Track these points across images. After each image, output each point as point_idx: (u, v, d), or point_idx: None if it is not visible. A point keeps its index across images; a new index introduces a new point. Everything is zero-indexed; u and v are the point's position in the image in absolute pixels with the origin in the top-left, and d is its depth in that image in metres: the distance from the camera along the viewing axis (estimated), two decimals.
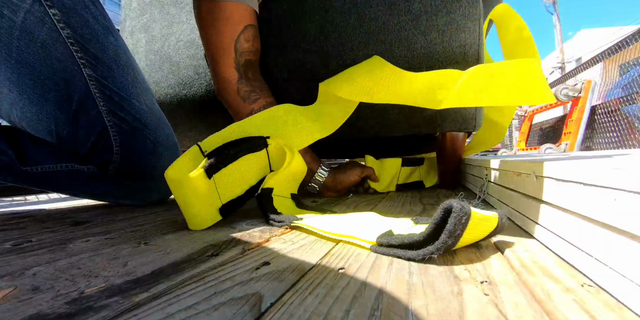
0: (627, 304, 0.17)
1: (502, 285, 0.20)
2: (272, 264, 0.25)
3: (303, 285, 0.21)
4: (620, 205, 0.17)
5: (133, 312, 0.18)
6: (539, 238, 0.29)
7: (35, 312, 0.18)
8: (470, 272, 0.22)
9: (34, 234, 0.40)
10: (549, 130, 3.78)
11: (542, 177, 0.28)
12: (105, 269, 0.25)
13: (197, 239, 0.34)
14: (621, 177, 0.17)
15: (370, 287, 0.20)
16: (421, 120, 0.67)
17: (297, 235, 0.35)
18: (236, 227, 0.39)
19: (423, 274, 0.22)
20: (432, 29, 0.60)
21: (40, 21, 0.50)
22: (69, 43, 0.52)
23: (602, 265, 0.19)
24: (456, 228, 0.23)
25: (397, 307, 0.18)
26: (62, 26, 0.51)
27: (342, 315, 0.17)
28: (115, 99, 0.55)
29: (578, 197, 0.21)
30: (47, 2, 0.50)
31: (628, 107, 2.58)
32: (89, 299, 0.20)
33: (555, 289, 0.19)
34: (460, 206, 0.23)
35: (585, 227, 0.21)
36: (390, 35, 0.61)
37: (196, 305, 0.18)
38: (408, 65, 0.61)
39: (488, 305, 0.18)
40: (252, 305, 0.18)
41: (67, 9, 0.52)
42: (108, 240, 0.35)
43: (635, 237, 0.16)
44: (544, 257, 0.25)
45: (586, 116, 2.96)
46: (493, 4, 0.75)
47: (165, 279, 0.23)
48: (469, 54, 0.60)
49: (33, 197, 1.01)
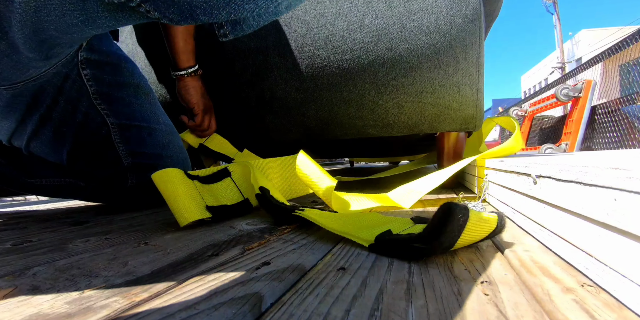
0: (627, 304, 0.17)
1: (502, 285, 0.20)
2: (272, 264, 0.25)
3: (303, 285, 0.21)
4: (620, 205, 0.17)
5: (133, 312, 0.18)
6: (539, 238, 0.29)
7: (35, 312, 0.18)
8: (470, 272, 0.22)
9: (34, 234, 0.40)
10: (549, 130, 3.78)
11: (542, 177, 0.28)
12: (105, 269, 0.25)
13: (197, 239, 0.34)
14: (621, 177, 0.17)
15: (370, 287, 0.20)
16: (421, 120, 0.67)
17: (297, 235, 0.35)
18: (236, 227, 0.39)
19: (423, 274, 0.22)
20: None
21: (74, 83, 0.50)
22: (94, 98, 0.52)
23: (602, 265, 0.19)
24: (454, 229, 0.23)
25: (397, 307, 0.18)
26: (90, 84, 0.51)
27: (342, 315, 0.17)
28: (135, 140, 0.55)
29: (578, 197, 0.21)
30: (82, 66, 0.50)
31: (628, 107, 2.58)
32: (89, 299, 0.20)
33: (555, 289, 0.19)
34: (459, 207, 0.23)
35: (585, 227, 0.21)
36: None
37: (196, 305, 0.18)
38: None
39: (488, 305, 0.18)
40: (252, 305, 0.18)
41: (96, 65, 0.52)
42: (108, 240, 0.35)
43: (635, 237, 0.16)
44: (544, 257, 0.25)
45: (586, 116, 2.96)
46: (493, 3, 0.75)
47: (165, 279, 0.23)
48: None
49: (33, 197, 1.01)
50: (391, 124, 0.69)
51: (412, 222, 0.33)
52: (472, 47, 0.60)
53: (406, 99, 0.65)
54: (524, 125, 4.13)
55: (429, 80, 0.63)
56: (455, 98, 0.65)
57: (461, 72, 0.63)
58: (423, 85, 0.64)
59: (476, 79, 0.64)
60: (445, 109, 0.66)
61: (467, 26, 0.59)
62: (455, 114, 0.66)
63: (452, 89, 0.64)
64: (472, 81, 0.64)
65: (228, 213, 0.46)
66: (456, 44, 0.60)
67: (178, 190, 0.41)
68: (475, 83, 0.64)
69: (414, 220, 0.33)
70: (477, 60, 0.61)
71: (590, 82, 3.00)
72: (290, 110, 0.71)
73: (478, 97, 0.65)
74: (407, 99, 0.65)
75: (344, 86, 0.66)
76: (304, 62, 0.66)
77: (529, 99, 4.38)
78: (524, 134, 4.10)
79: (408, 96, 0.65)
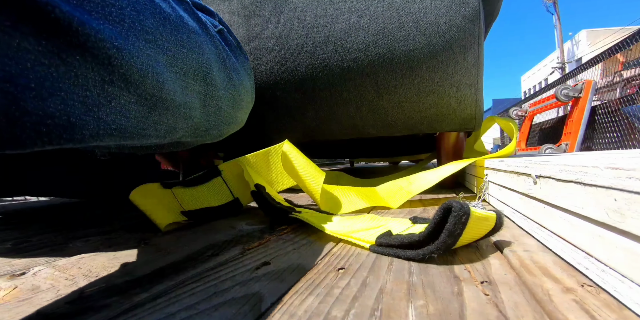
0: (627, 304, 0.17)
1: (502, 285, 0.20)
2: (272, 264, 0.25)
3: (303, 285, 0.21)
4: (620, 205, 0.17)
5: (133, 312, 0.18)
6: (539, 238, 0.29)
7: (35, 312, 0.18)
8: (470, 272, 0.22)
9: (34, 234, 0.40)
10: (549, 130, 3.78)
11: (542, 177, 0.28)
12: (105, 269, 0.25)
13: (197, 239, 0.34)
14: (621, 177, 0.17)
15: (370, 287, 0.20)
16: (421, 120, 0.67)
17: (297, 235, 0.35)
18: (236, 227, 0.39)
19: (423, 274, 0.22)
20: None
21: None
22: None
23: (602, 265, 0.19)
24: (456, 227, 0.23)
25: (397, 307, 0.18)
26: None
27: (342, 315, 0.17)
28: None
29: (578, 197, 0.21)
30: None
31: (628, 108, 2.58)
32: (89, 299, 0.20)
33: (555, 289, 0.19)
34: (460, 205, 0.23)
35: (585, 227, 0.21)
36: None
37: (196, 305, 0.18)
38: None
39: (488, 305, 0.18)
40: (252, 305, 0.18)
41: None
42: (108, 240, 0.35)
43: (635, 237, 0.16)
44: (544, 257, 0.25)
45: (586, 116, 2.96)
46: (493, 4, 0.75)
47: (165, 279, 0.23)
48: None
49: (33, 198, 1.01)
50: (391, 124, 0.69)
51: (411, 222, 0.33)
52: (472, 48, 0.60)
53: (406, 99, 0.65)
54: (524, 125, 4.13)
55: (429, 80, 0.63)
56: (454, 98, 0.65)
57: (461, 72, 0.63)
58: (422, 85, 0.64)
59: (476, 79, 0.64)
60: (444, 109, 0.66)
61: (467, 26, 0.59)
62: (454, 114, 0.66)
63: (451, 89, 0.64)
64: (472, 81, 0.64)
65: (209, 215, 0.46)
66: (455, 44, 0.60)
67: (147, 203, 0.41)
68: (475, 83, 0.64)
69: (412, 220, 0.33)
70: (476, 60, 0.61)
71: (590, 82, 3.00)
72: (290, 110, 0.71)
73: (477, 97, 0.65)
74: (407, 99, 0.65)
75: (343, 86, 0.66)
76: (304, 62, 0.66)
77: (529, 99, 4.38)
78: (524, 134, 4.10)
79: (407, 96, 0.65)
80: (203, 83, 0.30)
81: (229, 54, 0.37)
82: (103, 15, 0.20)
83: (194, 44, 0.30)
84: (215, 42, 0.34)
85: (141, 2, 0.24)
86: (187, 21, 0.30)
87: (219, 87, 0.33)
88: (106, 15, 0.20)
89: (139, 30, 0.23)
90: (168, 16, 0.27)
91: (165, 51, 0.26)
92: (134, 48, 0.22)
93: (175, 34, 0.27)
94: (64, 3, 0.17)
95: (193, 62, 0.29)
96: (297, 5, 0.64)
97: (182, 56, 0.28)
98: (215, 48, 0.34)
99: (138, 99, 0.22)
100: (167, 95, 0.25)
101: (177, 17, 0.28)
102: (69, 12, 0.17)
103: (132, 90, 0.22)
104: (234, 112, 0.37)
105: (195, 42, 0.30)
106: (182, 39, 0.28)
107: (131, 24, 0.22)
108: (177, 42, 0.27)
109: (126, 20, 0.22)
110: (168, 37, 0.26)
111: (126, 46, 0.21)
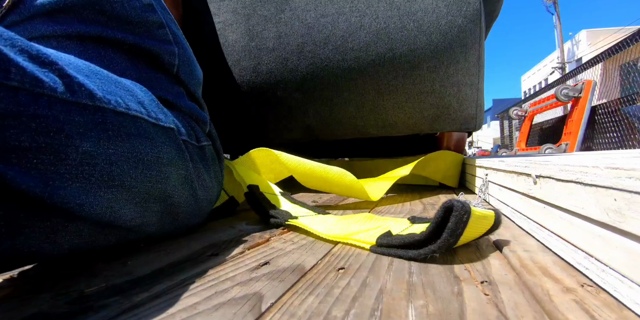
0: (627, 304, 0.17)
1: (502, 285, 0.20)
2: (272, 264, 0.25)
3: (303, 285, 0.21)
4: (620, 205, 0.17)
5: (133, 312, 0.18)
6: (539, 238, 0.29)
7: (35, 312, 0.18)
8: (470, 272, 0.22)
9: None
10: (549, 130, 3.78)
11: (542, 177, 0.28)
12: (105, 269, 0.25)
13: (197, 239, 0.34)
14: (621, 177, 0.17)
15: (370, 287, 0.20)
16: (421, 120, 0.67)
17: (297, 235, 0.35)
18: (236, 227, 0.39)
19: (423, 273, 0.22)
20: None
21: None
22: None
23: (602, 265, 0.19)
24: (458, 226, 0.23)
25: (397, 307, 0.18)
26: None
27: (342, 315, 0.17)
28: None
29: (578, 197, 0.21)
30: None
31: (628, 108, 2.58)
32: (89, 299, 0.20)
33: (555, 289, 0.19)
34: (460, 204, 0.23)
35: (585, 227, 0.21)
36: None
37: (196, 305, 0.18)
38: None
39: (488, 305, 0.18)
40: (252, 305, 0.18)
41: None
42: None
43: (635, 237, 0.16)
44: (544, 257, 0.25)
45: (586, 116, 2.96)
46: (493, 4, 0.75)
47: (165, 278, 0.23)
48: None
49: None
50: (391, 124, 0.69)
51: (409, 222, 0.33)
52: (473, 47, 0.60)
53: (406, 99, 0.65)
54: (524, 125, 4.12)
55: (430, 80, 0.63)
56: (455, 98, 0.65)
57: (461, 72, 0.63)
58: (423, 85, 0.64)
59: (476, 79, 0.64)
60: (445, 109, 0.66)
61: (468, 26, 0.59)
62: (455, 114, 0.66)
63: (452, 89, 0.64)
64: (472, 81, 0.64)
65: (208, 216, 0.46)
66: (456, 44, 0.60)
67: None
68: (476, 83, 0.64)
69: (410, 220, 0.33)
70: (477, 60, 0.61)
71: (590, 82, 3.00)
72: (291, 109, 0.71)
73: (478, 97, 0.65)
74: (408, 99, 0.65)
75: (344, 86, 0.66)
76: (305, 61, 0.66)
77: (529, 99, 4.38)
78: (524, 134, 4.10)
79: (408, 96, 0.65)
80: (163, 204, 0.31)
81: (201, 172, 0.37)
82: (74, 176, 0.22)
83: (162, 177, 0.30)
84: (188, 167, 0.34)
85: (120, 151, 0.25)
86: (163, 155, 0.30)
87: (180, 206, 0.33)
88: (77, 175, 0.22)
89: (105, 180, 0.24)
90: (144, 157, 0.27)
91: (130, 189, 0.26)
92: (95, 199, 0.23)
93: (145, 172, 0.28)
94: (40, 185, 0.20)
95: (156, 192, 0.29)
96: (298, 5, 0.64)
97: (146, 189, 0.28)
98: (186, 171, 0.33)
99: (91, 226, 0.24)
100: (123, 222, 0.27)
101: (152, 155, 0.29)
102: (40, 187, 0.20)
103: (89, 224, 0.24)
104: (193, 220, 0.37)
105: (164, 174, 0.30)
106: (150, 175, 0.28)
107: (99, 177, 0.23)
108: (144, 179, 0.28)
109: (95, 175, 0.23)
110: (137, 176, 0.27)
111: (87, 200, 0.23)
